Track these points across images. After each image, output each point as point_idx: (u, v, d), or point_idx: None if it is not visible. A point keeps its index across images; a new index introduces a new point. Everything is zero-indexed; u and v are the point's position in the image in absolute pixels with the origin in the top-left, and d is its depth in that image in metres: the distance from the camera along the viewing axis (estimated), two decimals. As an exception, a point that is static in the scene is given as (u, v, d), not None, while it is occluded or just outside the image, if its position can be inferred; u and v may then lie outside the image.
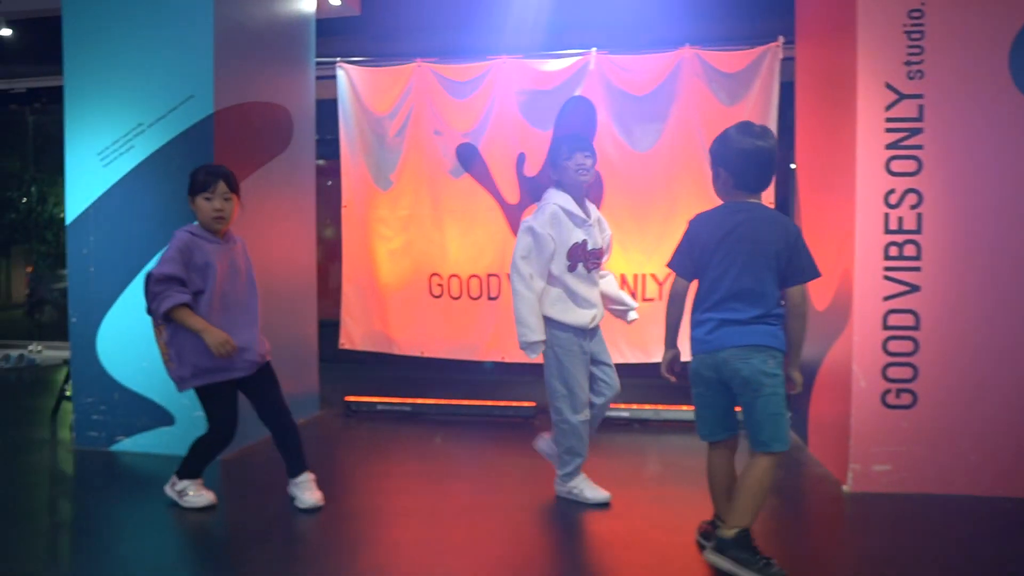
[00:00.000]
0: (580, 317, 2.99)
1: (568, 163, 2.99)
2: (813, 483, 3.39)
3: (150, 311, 2.82)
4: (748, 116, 4.47)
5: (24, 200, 7.49)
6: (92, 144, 3.77)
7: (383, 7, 5.51)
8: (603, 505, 3.02)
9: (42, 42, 6.48)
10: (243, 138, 3.90)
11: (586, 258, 2.99)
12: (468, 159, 4.78)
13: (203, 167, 2.97)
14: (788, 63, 4.43)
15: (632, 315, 3.26)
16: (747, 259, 2.38)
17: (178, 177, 3.62)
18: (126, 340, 3.75)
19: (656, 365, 4.72)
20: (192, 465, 3.00)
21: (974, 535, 2.78)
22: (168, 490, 3.04)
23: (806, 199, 4.08)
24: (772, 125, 4.47)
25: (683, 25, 4.78)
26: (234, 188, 2.95)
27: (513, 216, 4.79)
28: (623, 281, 4.71)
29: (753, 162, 2.41)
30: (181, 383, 2.89)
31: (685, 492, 3.24)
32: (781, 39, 4.43)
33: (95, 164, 3.77)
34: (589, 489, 3.07)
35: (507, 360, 4.76)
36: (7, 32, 5.86)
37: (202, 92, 3.62)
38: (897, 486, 3.18)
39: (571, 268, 2.98)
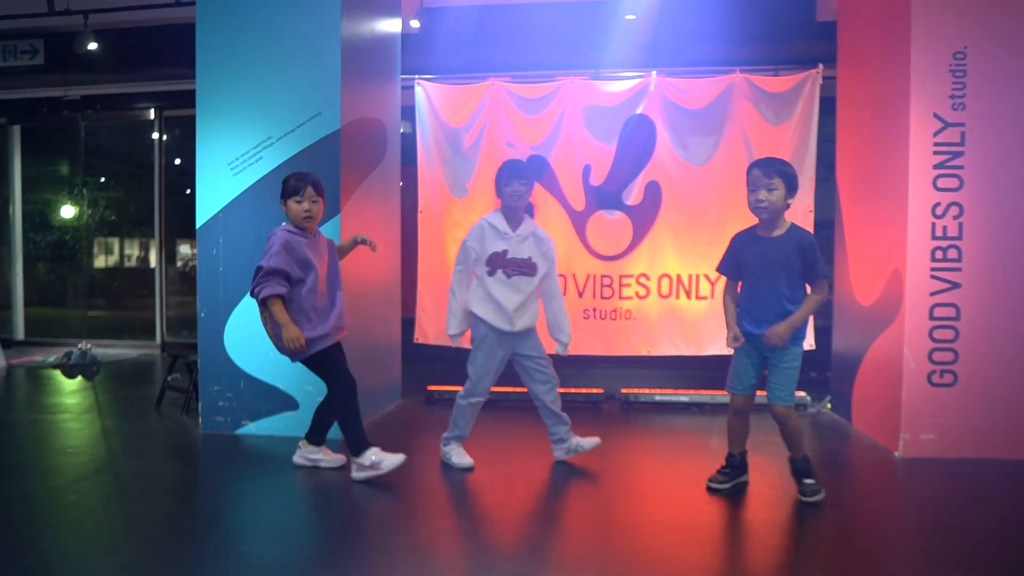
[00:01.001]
0: (498, 319, 3.46)
1: (506, 189, 3.46)
2: (867, 451, 3.96)
3: (253, 295, 3.27)
4: (792, 134, 5.09)
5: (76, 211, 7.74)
6: (222, 155, 4.17)
7: (442, 26, 5.96)
8: (468, 469, 3.54)
9: (102, 52, 6.79)
10: (359, 151, 4.34)
11: (505, 265, 3.48)
12: (538, 169, 5.27)
13: (293, 174, 3.42)
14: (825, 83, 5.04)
15: (558, 348, 3.67)
16: None
17: (305, 186, 4.07)
18: (253, 333, 4.13)
19: (708, 358, 5.30)
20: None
21: (1004, 490, 3.36)
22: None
23: (849, 208, 4.65)
24: (813, 142, 5.08)
25: (732, 48, 5.34)
26: (320, 192, 3.40)
27: (579, 221, 5.31)
28: (679, 279, 5.25)
29: None
30: (294, 356, 3.33)
31: (762, 459, 3.78)
32: (821, 66, 5.03)
33: (225, 173, 4.17)
34: (456, 455, 3.61)
35: (569, 353, 5.25)
36: (94, 46, 6.17)
37: (330, 109, 4.05)
38: (941, 451, 3.76)
39: (490, 273, 3.48)
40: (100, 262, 8.14)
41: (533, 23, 5.43)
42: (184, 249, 7.88)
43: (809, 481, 3.15)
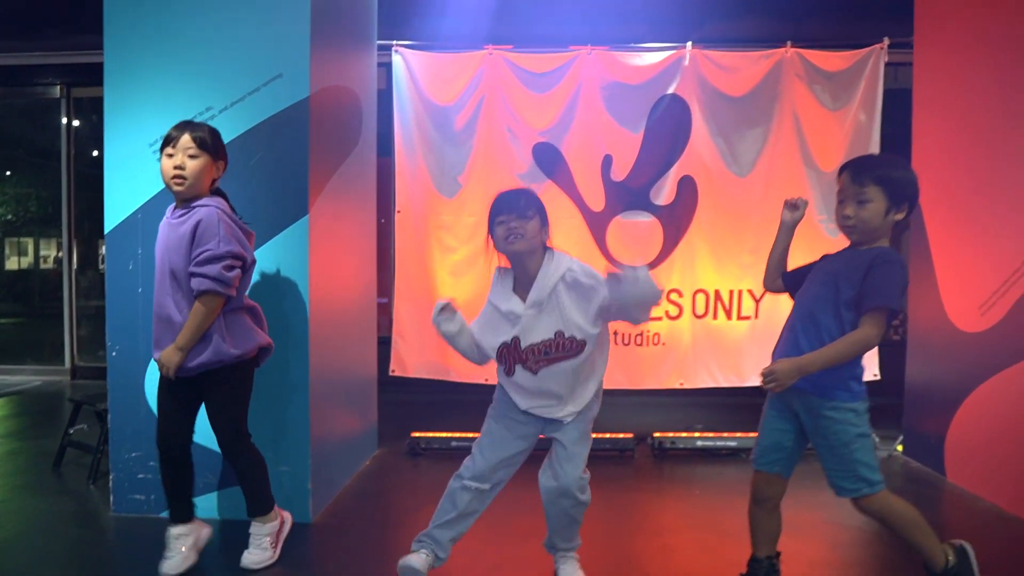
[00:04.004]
0: (516, 395, 2.34)
1: (498, 230, 2.26)
2: (989, 522, 3.08)
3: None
4: (852, 120, 4.26)
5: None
6: (141, 133, 3.00)
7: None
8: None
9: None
10: (332, 130, 3.26)
11: (523, 359, 2.26)
12: (547, 160, 4.28)
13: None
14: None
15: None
16: None
17: (260, 173, 2.98)
18: (186, 377, 3.02)
19: (753, 390, 4.29)
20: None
21: None
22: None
23: (934, 210, 3.79)
24: (877, 130, 4.25)
25: (781, 23, 4.46)
26: (206, 147, 2.47)
27: (597, 225, 4.33)
28: (717, 296, 4.34)
29: None
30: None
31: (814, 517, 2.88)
32: (886, 40, 4.19)
33: (145, 158, 3.01)
34: (410, 556, 2.36)
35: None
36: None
37: (295, 70, 2.95)
38: (1098, 525, 2.93)
39: (508, 372, 2.30)
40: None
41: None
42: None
43: None
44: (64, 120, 6.33)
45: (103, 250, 6.46)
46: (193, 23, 2.99)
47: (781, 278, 2.41)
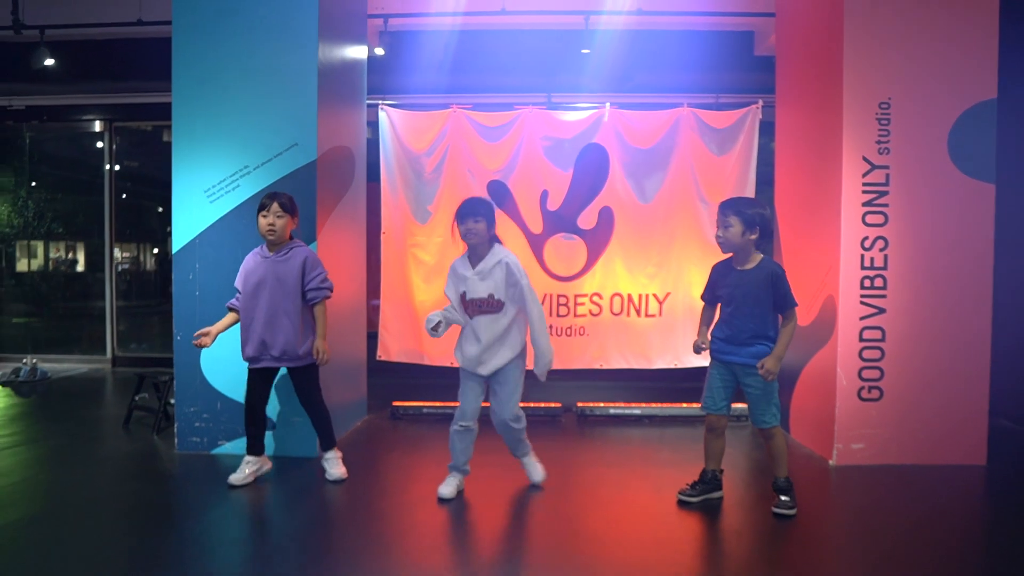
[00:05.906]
0: (461, 357, 3.58)
1: (460, 228, 3.46)
2: (803, 460, 4.36)
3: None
4: (734, 165, 5.50)
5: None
6: (199, 182, 4.27)
7: (405, 50, 6.17)
8: (442, 499, 3.56)
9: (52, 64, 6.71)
10: (332, 179, 4.51)
11: (466, 307, 3.50)
12: (498, 194, 5.53)
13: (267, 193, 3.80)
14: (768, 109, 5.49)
15: (536, 368, 3.52)
16: None
17: (282, 213, 4.22)
18: (229, 355, 4.25)
19: (656, 371, 5.67)
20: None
21: (924, 492, 3.80)
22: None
23: (786, 233, 5.07)
24: (753, 171, 5.50)
25: (678, 76, 5.74)
26: (288, 210, 3.72)
27: (536, 243, 5.58)
28: (629, 299, 5.59)
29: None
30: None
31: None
32: (760, 102, 5.46)
33: (201, 200, 4.28)
34: (444, 485, 3.62)
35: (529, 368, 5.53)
36: (51, 62, 6.09)
37: (306, 140, 4.21)
38: (869, 459, 4.19)
39: (469, 315, 3.52)
40: (37, 265, 8.00)
41: (492, 49, 5.67)
42: (116, 253, 7.80)
43: (784, 498, 3.48)
44: (103, 144, 7.56)
45: (118, 255, 7.69)
46: (237, 103, 4.24)
47: (707, 305, 3.69)
